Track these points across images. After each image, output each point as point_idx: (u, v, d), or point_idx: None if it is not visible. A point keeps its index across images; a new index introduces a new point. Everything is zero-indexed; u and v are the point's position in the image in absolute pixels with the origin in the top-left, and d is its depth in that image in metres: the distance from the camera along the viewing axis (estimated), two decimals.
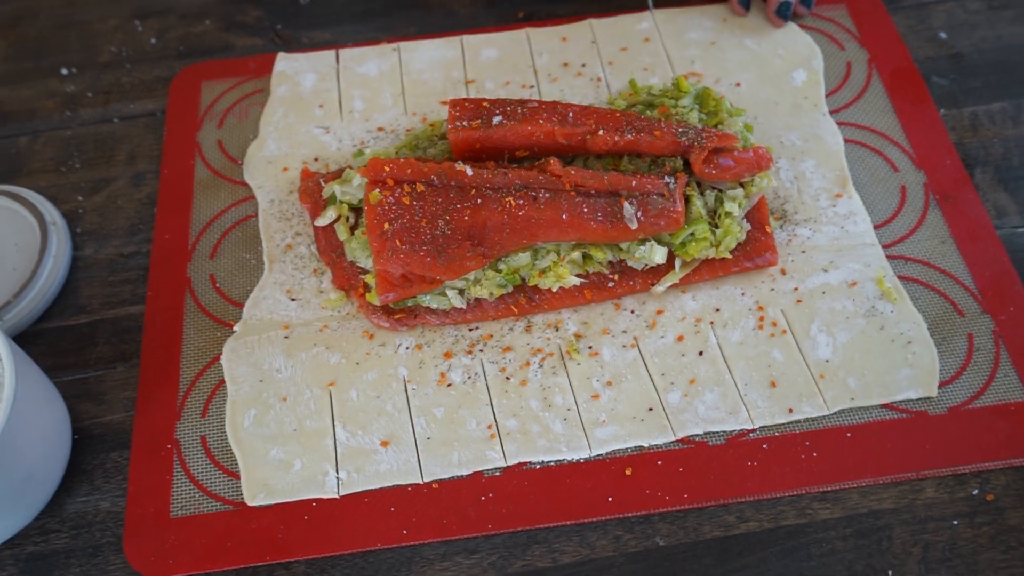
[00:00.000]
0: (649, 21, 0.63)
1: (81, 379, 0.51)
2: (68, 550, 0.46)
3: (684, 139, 0.50)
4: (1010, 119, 0.58)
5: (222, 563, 0.45)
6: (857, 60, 0.60)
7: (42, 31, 0.68)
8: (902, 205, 0.54)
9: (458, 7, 0.67)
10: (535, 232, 0.48)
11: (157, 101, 0.63)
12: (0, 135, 0.62)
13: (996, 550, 0.44)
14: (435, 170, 0.49)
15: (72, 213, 0.58)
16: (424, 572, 0.44)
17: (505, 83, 0.60)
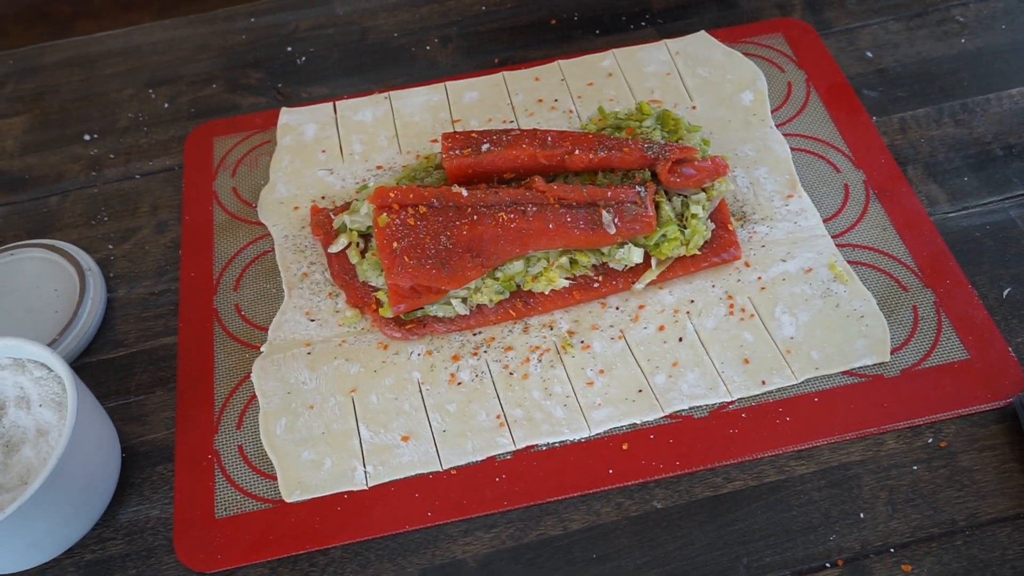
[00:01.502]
0: (611, 59, 0.70)
1: (124, 404, 0.56)
2: (124, 555, 0.51)
3: (650, 153, 0.57)
4: (933, 121, 0.66)
5: (265, 554, 0.49)
6: (796, 80, 0.68)
7: (64, 104, 0.75)
8: (846, 201, 0.61)
9: (440, 58, 0.74)
10: (526, 242, 0.55)
11: (174, 158, 0.70)
12: (32, 197, 0.68)
13: (952, 489, 0.49)
14: (435, 193, 0.55)
15: (104, 260, 0.64)
16: (449, 547, 0.49)
17: (487, 120, 0.67)
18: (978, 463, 0.50)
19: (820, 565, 0.47)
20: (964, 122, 0.65)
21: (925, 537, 0.48)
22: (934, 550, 0.47)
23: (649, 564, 0.48)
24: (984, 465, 0.50)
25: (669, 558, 0.48)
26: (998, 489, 0.49)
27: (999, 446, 0.51)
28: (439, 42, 0.76)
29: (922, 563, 0.47)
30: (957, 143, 0.64)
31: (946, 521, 0.48)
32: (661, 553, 0.48)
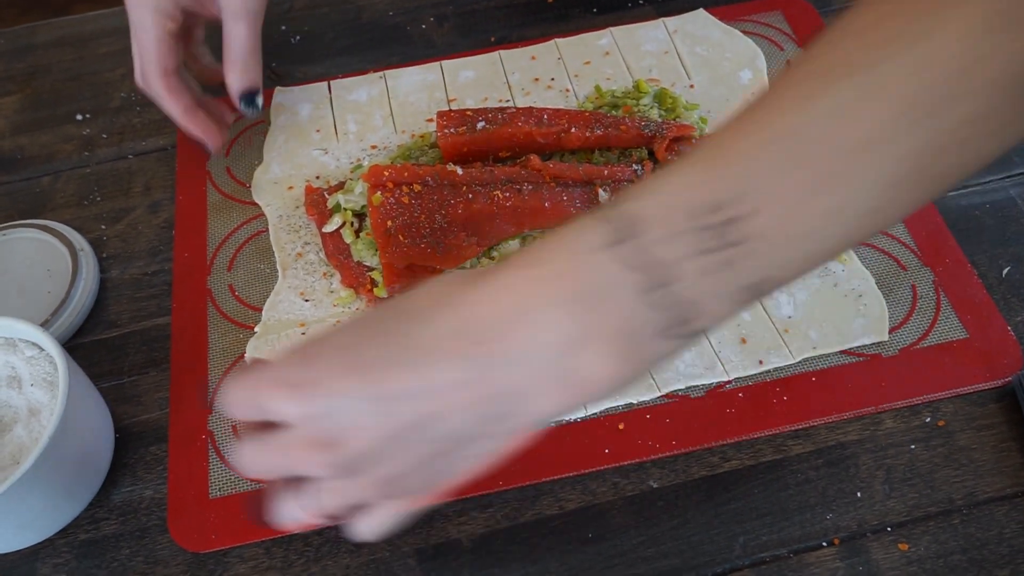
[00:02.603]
0: (608, 38, 0.70)
1: (118, 385, 0.56)
2: (118, 534, 0.50)
3: (647, 131, 0.56)
4: None
5: (260, 534, 0.49)
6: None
7: (56, 83, 0.74)
8: None
9: (436, 37, 0.74)
10: (522, 221, 0.54)
11: (167, 138, 0.69)
12: (24, 177, 0.68)
13: (950, 468, 0.49)
14: (429, 172, 0.55)
15: (97, 240, 0.63)
16: (444, 527, 0.49)
17: (483, 99, 0.67)
18: (976, 442, 0.50)
19: (817, 544, 0.47)
20: None
21: (922, 516, 0.48)
22: (931, 529, 0.47)
23: (645, 543, 0.48)
24: (982, 444, 0.50)
25: (665, 537, 0.48)
26: (996, 468, 0.49)
27: (997, 425, 0.50)
28: (435, 21, 0.75)
29: (919, 542, 0.47)
30: None
31: (943, 500, 0.48)
32: (657, 532, 0.48)
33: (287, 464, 0.36)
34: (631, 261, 0.31)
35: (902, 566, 0.46)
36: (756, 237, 0.31)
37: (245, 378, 0.35)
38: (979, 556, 0.46)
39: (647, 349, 0.33)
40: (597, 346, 0.32)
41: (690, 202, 0.31)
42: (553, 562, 0.48)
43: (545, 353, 0.33)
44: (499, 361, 0.33)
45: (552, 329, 0.32)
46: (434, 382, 0.33)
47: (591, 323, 0.32)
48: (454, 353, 0.33)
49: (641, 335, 0.32)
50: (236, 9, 0.57)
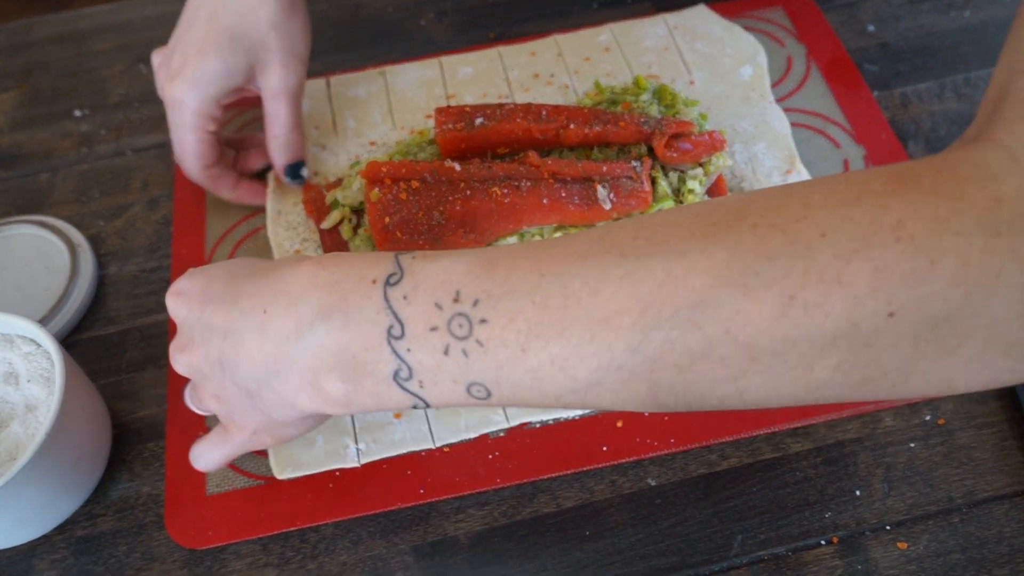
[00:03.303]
0: (608, 34, 0.69)
1: (115, 381, 0.56)
2: (115, 531, 0.50)
3: (646, 128, 0.56)
4: (935, 96, 0.65)
5: (256, 531, 0.49)
6: (796, 54, 0.67)
7: (54, 80, 0.74)
8: None
9: (435, 33, 0.73)
10: (520, 217, 0.54)
11: (165, 134, 0.69)
12: (22, 173, 0.68)
13: (949, 466, 0.49)
14: (427, 168, 0.54)
15: (95, 237, 0.63)
16: (441, 524, 0.49)
17: (482, 95, 0.67)
18: (976, 441, 0.49)
19: (815, 542, 0.47)
20: (967, 97, 0.64)
21: (922, 515, 0.47)
22: (930, 528, 0.47)
23: (643, 541, 0.48)
24: (982, 443, 0.49)
25: (663, 535, 0.48)
26: (996, 467, 0.49)
27: (997, 423, 0.50)
28: (434, 17, 0.75)
29: (918, 540, 0.46)
30: (959, 118, 0.63)
31: (943, 499, 0.48)
32: (655, 530, 0.48)
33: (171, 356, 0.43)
34: (390, 304, 0.35)
35: (901, 565, 0.46)
36: (495, 346, 0.34)
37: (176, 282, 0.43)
38: (978, 555, 0.46)
39: (378, 386, 0.36)
40: (338, 366, 0.36)
41: (463, 286, 0.34)
42: (550, 560, 0.47)
43: (301, 350, 0.37)
44: (272, 336, 0.37)
45: (312, 331, 0.36)
46: (234, 329, 0.38)
47: (340, 340, 0.36)
48: (252, 313, 0.38)
49: (374, 371, 0.36)
50: (276, 90, 0.57)
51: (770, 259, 0.30)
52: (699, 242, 0.31)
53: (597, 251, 0.33)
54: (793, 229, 0.30)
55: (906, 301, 0.29)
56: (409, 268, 0.36)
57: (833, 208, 0.30)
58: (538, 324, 0.33)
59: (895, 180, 0.30)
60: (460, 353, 0.34)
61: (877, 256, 0.29)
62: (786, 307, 0.30)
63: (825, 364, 0.31)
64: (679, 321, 0.31)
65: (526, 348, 0.33)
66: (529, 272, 0.34)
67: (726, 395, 0.33)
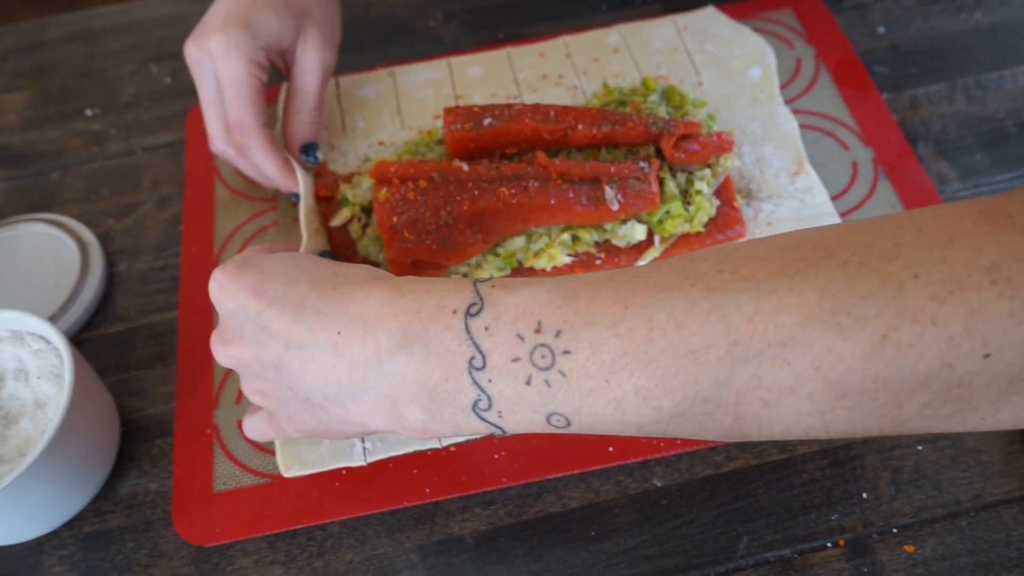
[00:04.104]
0: (617, 35, 0.69)
1: (124, 379, 0.56)
2: (123, 527, 0.51)
3: (654, 128, 0.56)
4: (945, 98, 0.64)
5: (263, 528, 0.49)
6: (806, 56, 0.67)
7: (65, 79, 0.74)
8: (854, 178, 0.60)
9: (444, 34, 0.74)
10: (528, 218, 0.54)
11: (175, 133, 0.69)
12: (34, 172, 0.68)
13: (957, 470, 0.49)
14: (435, 168, 0.54)
15: (105, 235, 0.63)
16: (447, 523, 0.49)
17: (491, 96, 0.67)
18: (984, 444, 0.49)
19: (821, 544, 0.47)
20: (977, 99, 0.64)
21: (929, 518, 0.47)
22: (937, 531, 0.47)
23: (648, 542, 0.47)
24: (990, 446, 0.49)
25: (668, 536, 0.48)
26: (1004, 470, 0.48)
27: None
28: (443, 18, 0.75)
29: (925, 544, 0.46)
30: (969, 120, 0.63)
31: (950, 502, 0.47)
32: (660, 531, 0.48)
33: (213, 346, 0.42)
34: (471, 335, 0.35)
35: (908, 568, 0.46)
36: (579, 376, 0.34)
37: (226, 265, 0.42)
38: (986, 559, 0.45)
39: (456, 416, 0.36)
40: (418, 396, 0.36)
41: (544, 316, 0.34)
42: (555, 560, 0.47)
43: (381, 378, 0.36)
44: (348, 359, 0.37)
45: (393, 361, 0.36)
46: (299, 342, 0.38)
47: (421, 371, 0.36)
48: (324, 331, 0.37)
49: (454, 401, 0.36)
50: (313, 64, 0.57)
51: (863, 298, 0.30)
52: (788, 279, 0.31)
53: (682, 284, 0.33)
54: (885, 269, 0.30)
55: (1003, 344, 0.29)
56: (489, 298, 0.35)
57: (926, 248, 0.30)
58: (623, 355, 0.33)
59: (987, 219, 0.30)
60: (543, 384, 0.34)
61: (972, 298, 0.29)
62: (878, 347, 0.29)
63: (915, 402, 0.30)
64: (768, 357, 0.31)
65: (610, 379, 0.33)
66: (612, 303, 0.33)
67: (811, 427, 0.32)
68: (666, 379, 0.32)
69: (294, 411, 0.41)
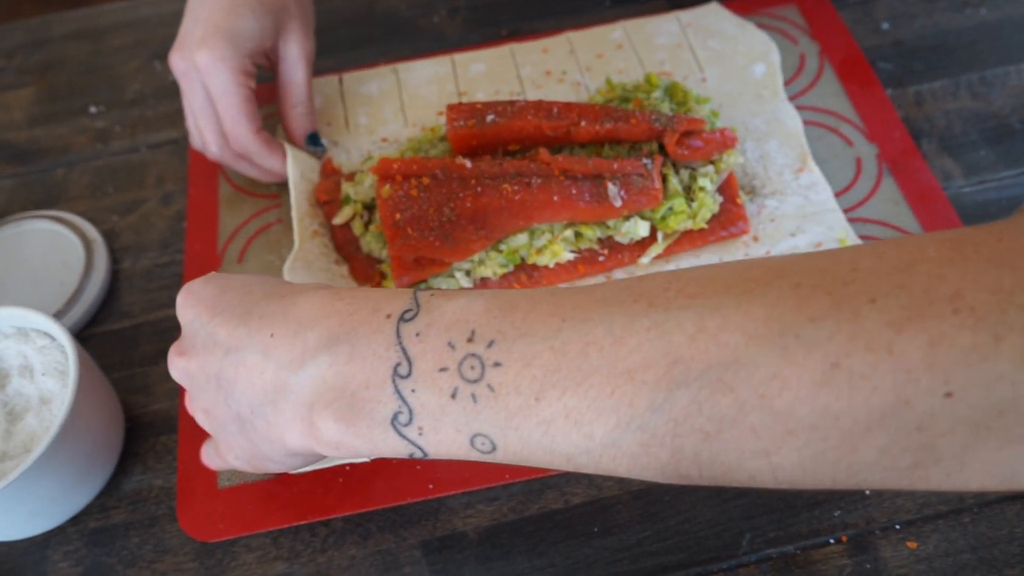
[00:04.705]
0: (621, 31, 0.69)
1: (128, 375, 0.57)
2: (127, 523, 0.51)
3: (657, 125, 0.56)
4: (950, 95, 0.64)
5: (267, 524, 0.50)
6: (810, 52, 0.67)
7: (70, 76, 0.74)
8: (858, 175, 0.60)
9: (447, 30, 0.74)
10: (530, 214, 0.54)
11: (180, 130, 0.69)
12: (39, 168, 0.68)
13: None
14: (438, 165, 0.54)
15: (109, 232, 0.64)
16: (450, 519, 0.49)
17: (494, 93, 0.67)
18: None
19: (824, 541, 0.47)
20: (982, 95, 0.64)
21: (932, 515, 0.47)
22: (940, 527, 0.47)
23: (650, 538, 0.48)
24: None
25: (670, 533, 0.48)
26: None
27: None
28: (447, 14, 0.75)
29: (928, 540, 0.46)
30: (974, 116, 0.63)
31: (953, 499, 0.47)
32: (663, 528, 0.48)
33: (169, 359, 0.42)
34: (401, 340, 0.33)
35: (910, 564, 0.46)
36: (507, 392, 0.32)
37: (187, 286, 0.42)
38: (989, 555, 0.45)
39: (373, 429, 0.34)
40: (335, 403, 0.34)
41: (479, 326, 0.33)
42: (558, 556, 0.47)
43: (300, 380, 0.35)
44: (275, 361, 0.36)
45: (315, 361, 0.34)
46: (237, 347, 0.37)
47: (342, 374, 0.34)
48: (259, 334, 0.36)
49: (372, 412, 0.34)
50: (297, 56, 0.58)
51: (812, 321, 0.27)
52: (736, 297, 0.29)
53: (624, 299, 0.31)
54: (839, 292, 0.28)
55: (966, 381, 0.26)
56: (426, 305, 0.34)
57: (884, 274, 0.28)
58: (555, 372, 0.31)
59: (951, 247, 0.27)
60: (468, 398, 0.32)
61: (933, 327, 0.26)
62: (828, 375, 0.27)
63: (870, 445, 0.27)
64: (708, 380, 0.29)
65: (540, 397, 0.31)
66: (550, 316, 0.32)
67: (757, 470, 0.30)
68: (599, 400, 0.30)
69: (230, 432, 0.40)
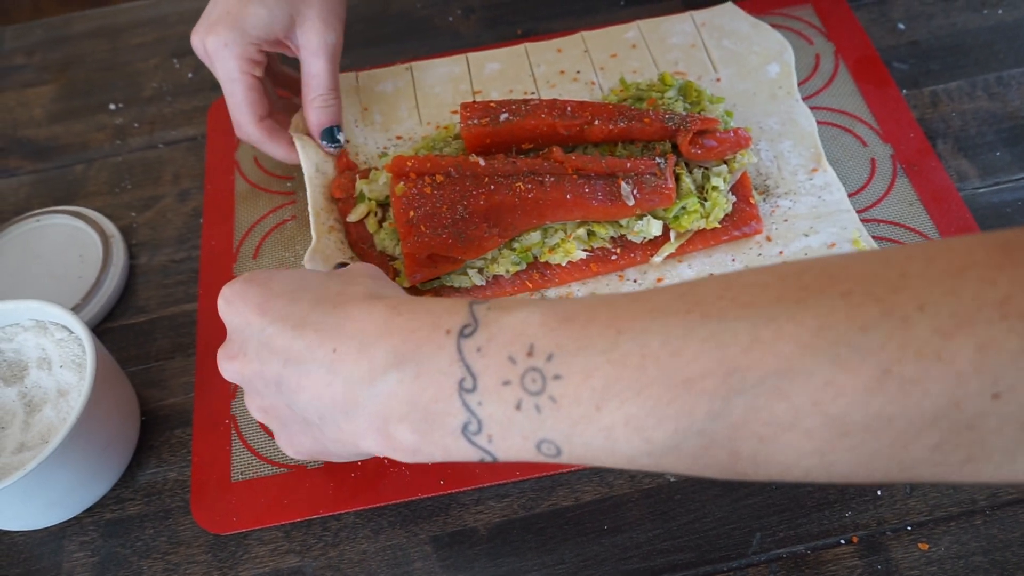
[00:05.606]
0: (635, 31, 0.69)
1: (144, 369, 0.57)
2: (142, 515, 0.51)
3: (671, 124, 0.56)
4: (966, 95, 0.64)
5: (280, 518, 0.50)
6: (825, 52, 0.67)
7: (90, 73, 0.75)
8: (872, 175, 0.60)
9: (462, 29, 0.74)
10: (543, 212, 0.54)
11: (197, 127, 0.70)
12: (58, 165, 0.69)
13: None
14: (452, 163, 0.55)
15: (127, 228, 0.64)
16: (461, 515, 0.50)
17: (508, 92, 0.67)
18: None
19: (835, 542, 0.47)
20: (998, 96, 0.64)
21: (943, 516, 0.47)
22: (952, 529, 0.46)
23: (660, 536, 0.48)
24: None
25: (681, 531, 0.48)
26: None
27: None
28: (461, 13, 0.75)
29: (939, 541, 0.46)
30: (990, 117, 0.62)
31: (965, 500, 0.47)
32: (673, 526, 0.48)
33: (219, 362, 0.43)
34: (463, 356, 0.34)
35: (922, 566, 0.45)
36: (568, 403, 0.33)
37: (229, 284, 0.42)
38: (1001, 558, 0.45)
39: (446, 438, 0.35)
40: (409, 416, 0.36)
41: (537, 339, 0.33)
42: (568, 553, 0.48)
43: (372, 396, 0.36)
44: (343, 377, 0.37)
45: (385, 379, 0.36)
46: (298, 359, 0.38)
47: (412, 390, 0.35)
48: (321, 348, 0.37)
49: (443, 423, 0.35)
50: (315, 47, 0.57)
51: (863, 330, 0.28)
52: (788, 307, 0.30)
53: (679, 309, 0.32)
54: (889, 300, 0.28)
55: (1014, 383, 0.27)
56: (484, 319, 0.35)
57: (934, 280, 0.28)
58: (615, 382, 0.32)
59: (1001, 251, 0.28)
60: (533, 409, 0.33)
61: (982, 333, 0.27)
62: (880, 381, 0.28)
63: (923, 444, 0.29)
64: (765, 389, 0.30)
65: (600, 407, 0.32)
66: (606, 327, 0.33)
67: (812, 468, 0.31)
68: (658, 409, 0.31)
69: (294, 431, 0.42)
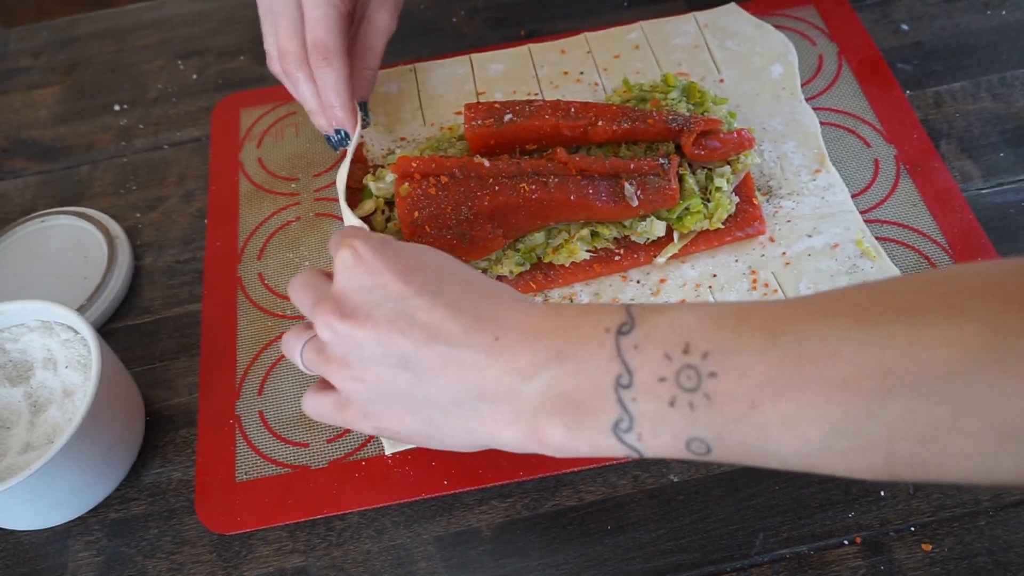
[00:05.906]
0: (638, 32, 0.69)
1: (149, 369, 0.57)
2: (147, 515, 0.52)
3: (674, 125, 0.56)
4: (970, 96, 0.64)
5: (284, 518, 0.50)
6: (828, 53, 0.67)
7: (95, 75, 0.76)
8: (876, 176, 0.60)
9: (466, 30, 0.74)
10: (547, 213, 0.54)
11: (201, 128, 0.70)
12: (64, 166, 0.69)
13: None
14: (456, 164, 0.55)
15: (132, 228, 0.65)
16: (464, 515, 0.50)
17: (512, 93, 0.67)
18: None
19: (838, 542, 0.47)
20: (1002, 96, 0.64)
21: (947, 517, 0.47)
22: (956, 530, 0.46)
23: (664, 536, 0.48)
24: None
25: (684, 531, 0.48)
26: None
27: None
28: (465, 14, 0.75)
29: (943, 542, 0.46)
30: (994, 118, 0.62)
31: (969, 501, 0.47)
32: (677, 526, 0.48)
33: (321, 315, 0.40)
34: (621, 353, 0.35)
35: (925, 567, 0.45)
36: (723, 400, 0.33)
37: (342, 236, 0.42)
38: (1004, 559, 0.45)
39: (596, 435, 0.36)
40: (563, 411, 0.36)
41: (692, 338, 0.34)
42: (572, 553, 0.48)
43: (530, 388, 0.36)
44: (501, 365, 0.37)
45: (546, 372, 0.36)
46: (447, 339, 0.37)
47: (570, 385, 0.36)
48: (479, 334, 0.37)
49: (596, 419, 0.35)
50: (383, 25, 0.58)
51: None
52: (947, 312, 0.30)
53: (834, 313, 0.32)
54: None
55: None
56: (640, 317, 0.35)
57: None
58: (771, 381, 0.32)
59: None
60: (686, 406, 0.33)
61: None
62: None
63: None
64: (923, 391, 0.30)
65: (755, 404, 0.32)
66: (761, 329, 0.33)
67: (971, 471, 0.31)
68: (814, 407, 0.31)
69: (398, 408, 0.40)
